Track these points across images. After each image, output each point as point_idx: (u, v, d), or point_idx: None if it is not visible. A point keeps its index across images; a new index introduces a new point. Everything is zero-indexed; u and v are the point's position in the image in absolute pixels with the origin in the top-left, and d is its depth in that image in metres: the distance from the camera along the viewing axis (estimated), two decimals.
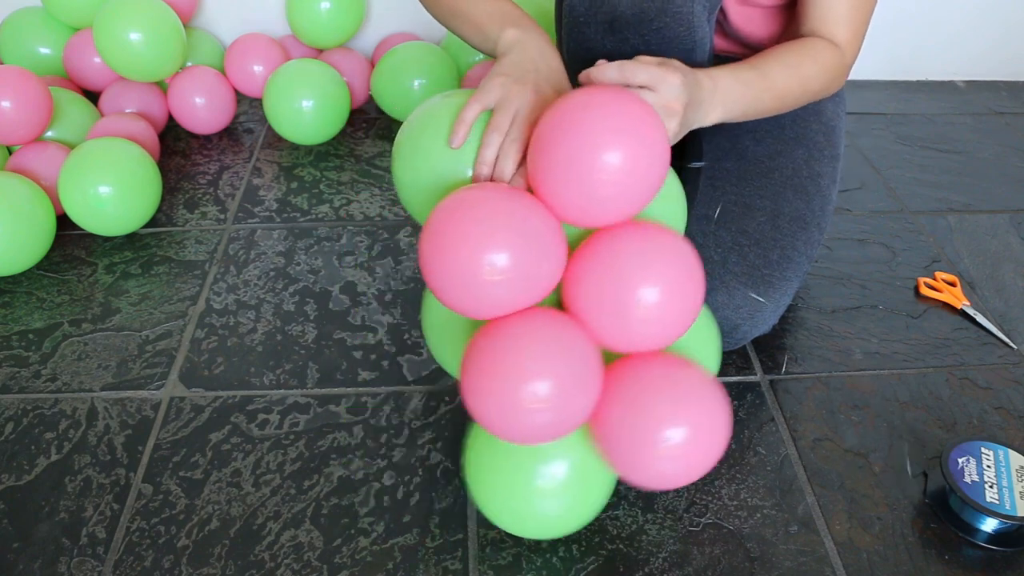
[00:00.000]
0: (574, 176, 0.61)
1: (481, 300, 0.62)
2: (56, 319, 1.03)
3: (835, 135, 1.01)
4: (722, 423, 0.65)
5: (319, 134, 1.35)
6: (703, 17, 0.84)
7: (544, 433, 0.63)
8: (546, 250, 0.63)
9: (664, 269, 0.64)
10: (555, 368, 0.61)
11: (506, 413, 0.62)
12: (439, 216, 0.62)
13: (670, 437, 0.63)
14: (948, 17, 1.58)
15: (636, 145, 0.61)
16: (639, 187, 0.63)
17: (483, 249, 0.60)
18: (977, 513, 0.79)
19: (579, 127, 0.61)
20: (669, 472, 0.65)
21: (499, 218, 0.61)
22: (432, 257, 0.62)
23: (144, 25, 1.23)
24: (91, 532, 0.79)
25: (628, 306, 0.63)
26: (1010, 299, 1.10)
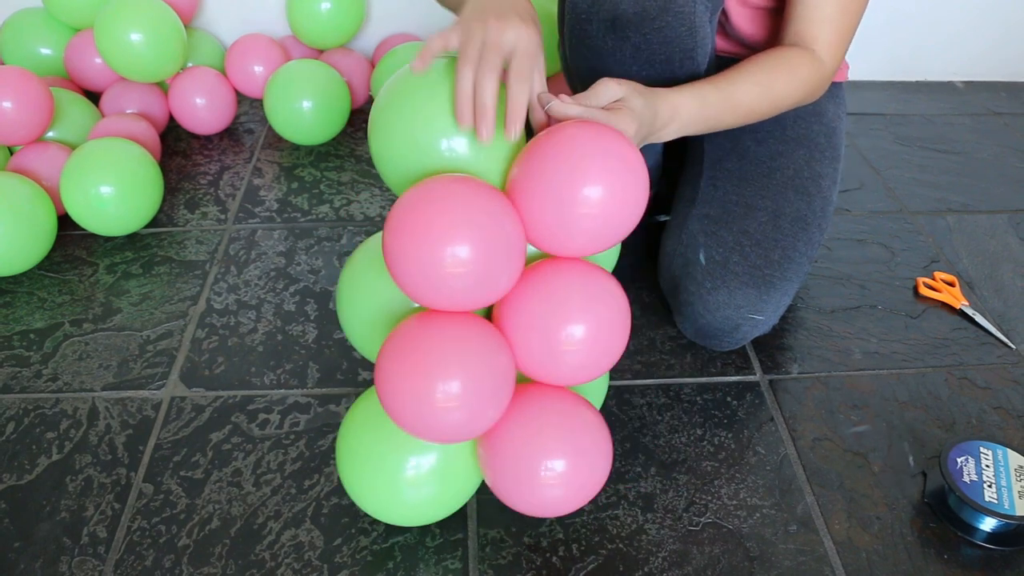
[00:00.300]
0: (555, 209, 0.63)
1: (441, 291, 0.62)
2: (57, 319, 1.03)
3: (836, 136, 1.01)
4: (602, 460, 0.70)
5: (319, 134, 1.35)
6: (705, 17, 0.84)
7: (453, 433, 0.64)
8: (510, 248, 0.64)
9: (596, 308, 0.67)
10: (470, 371, 0.63)
11: (420, 410, 0.63)
12: (405, 205, 0.63)
13: (552, 467, 0.67)
14: (947, 18, 1.58)
15: (619, 184, 0.64)
16: (617, 223, 0.65)
17: (446, 241, 0.60)
18: (976, 512, 0.79)
19: (562, 162, 0.63)
20: (549, 500, 0.68)
21: (464, 211, 0.61)
22: (395, 245, 0.62)
23: (145, 25, 1.24)
24: (92, 531, 0.79)
25: (555, 340, 0.66)
26: (1009, 299, 1.10)
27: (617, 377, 0.96)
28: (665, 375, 0.97)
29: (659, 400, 0.94)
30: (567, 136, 0.65)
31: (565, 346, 0.66)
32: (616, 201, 0.64)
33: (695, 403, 0.93)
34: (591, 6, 0.83)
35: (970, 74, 1.67)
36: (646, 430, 0.90)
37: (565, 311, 0.66)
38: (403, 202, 0.63)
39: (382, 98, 0.70)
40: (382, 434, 0.71)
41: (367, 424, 0.73)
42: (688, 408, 0.93)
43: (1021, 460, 0.83)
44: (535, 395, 0.70)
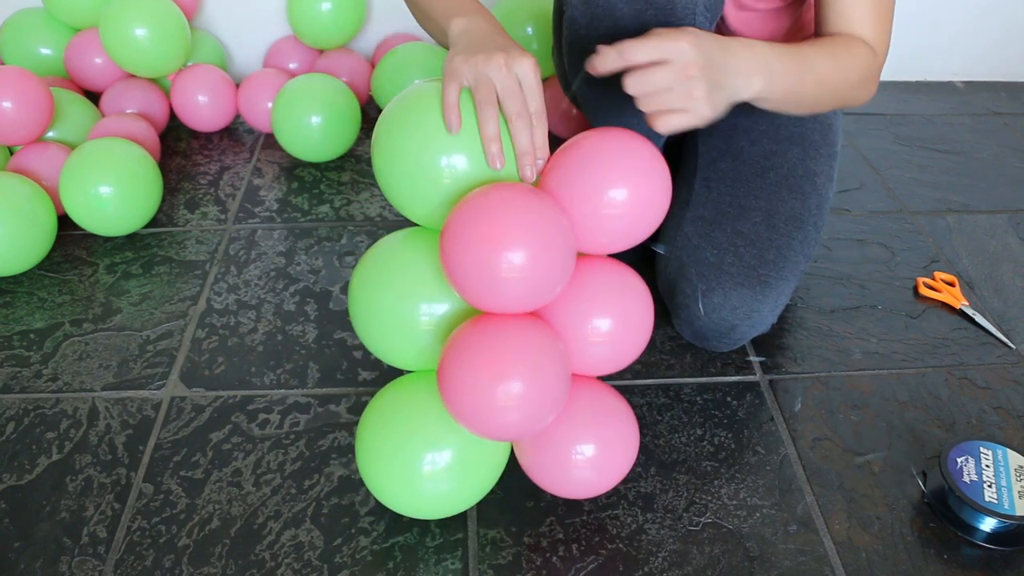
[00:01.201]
0: (587, 211, 0.68)
1: (499, 295, 0.65)
2: (57, 319, 1.03)
3: (832, 133, 1.01)
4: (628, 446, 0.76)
5: (330, 151, 1.32)
6: (705, 27, 0.84)
7: (514, 431, 0.67)
8: (566, 253, 0.67)
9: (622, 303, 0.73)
10: (536, 372, 0.66)
11: (481, 407, 0.65)
12: (462, 215, 0.65)
13: (583, 452, 0.73)
14: (947, 18, 1.58)
15: (642, 184, 0.68)
16: (642, 222, 0.70)
17: (503, 247, 0.63)
18: (976, 512, 0.79)
19: (594, 167, 0.67)
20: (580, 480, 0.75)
21: (520, 217, 0.64)
22: (453, 253, 0.65)
23: (149, 21, 1.24)
24: (92, 531, 0.79)
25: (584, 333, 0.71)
26: (1009, 299, 1.10)
27: (617, 377, 0.96)
28: (665, 375, 0.97)
29: (659, 400, 0.94)
30: (593, 144, 0.69)
31: (593, 338, 0.71)
32: (641, 202, 0.68)
33: (695, 403, 0.93)
34: (590, 21, 0.82)
35: (970, 74, 1.67)
36: (646, 430, 0.90)
37: (595, 305, 0.71)
38: (461, 211, 0.65)
39: (385, 120, 0.71)
40: (401, 428, 0.73)
41: (386, 418, 0.74)
42: (688, 408, 0.93)
43: (1021, 460, 0.83)
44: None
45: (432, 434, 0.72)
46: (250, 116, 1.38)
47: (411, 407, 0.74)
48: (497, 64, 0.67)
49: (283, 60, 1.48)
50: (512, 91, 0.67)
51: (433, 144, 0.68)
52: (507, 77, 0.67)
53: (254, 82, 1.38)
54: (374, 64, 1.49)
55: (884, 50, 0.84)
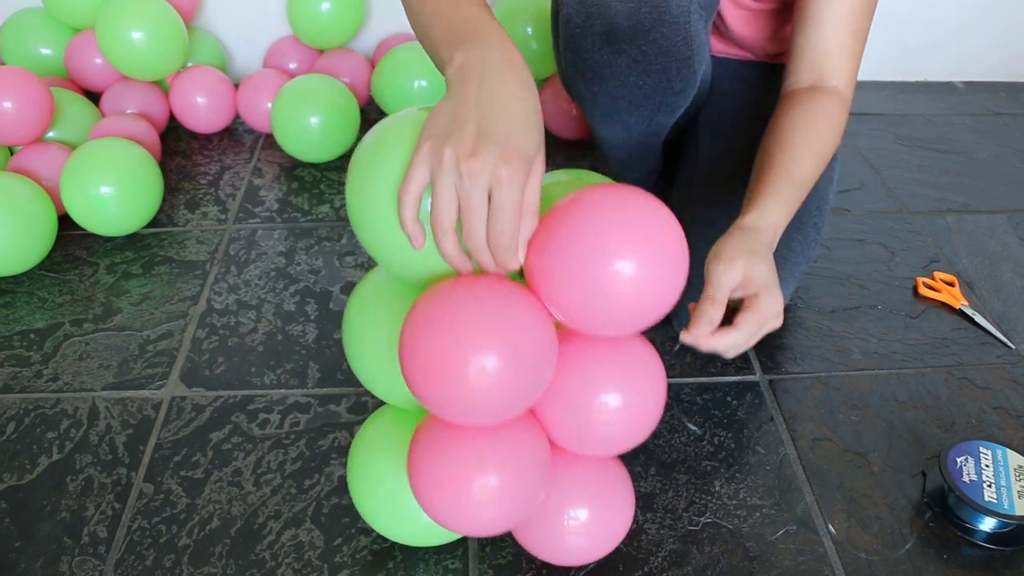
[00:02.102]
0: (582, 286, 0.54)
1: (467, 406, 0.55)
2: (57, 319, 1.03)
3: None
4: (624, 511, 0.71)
5: (330, 151, 1.32)
6: (700, 25, 0.84)
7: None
8: (540, 357, 0.56)
9: (629, 379, 0.62)
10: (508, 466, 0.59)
11: (455, 507, 0.59)
12: (422, 313, 0.55)
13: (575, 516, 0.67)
14: (947, 18, 1.58)
15: (653, 254, 0.55)
16: (653, 301, 0.56)
17: (471, 353, 0.52)
18: (975, 512, 0.79)
19: (590, 232, 0.54)
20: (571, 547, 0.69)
21: (489, 320, 0.53)
22: (413, 358, 0.55)
23: (146, 24, 1.24)
24: (92, 531, 0.79)
25: (588, 410, 0.61)
26: (1008, 299, 1.11)
27: None
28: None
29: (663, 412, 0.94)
30: (589, 206, 0.55)
31: (599, 417, 0.61)
32: (652, 278, 0.55)
33: (695, 403, 0.93)
34: (585, 20, 0.82)
35: (970, 74, 1.67)
36: None
37: (598, 385, 0.61)
38: (415, 314, 0.55)
39: (363, 150, 0.60)
40: (395, 456, 0.69)
41: (379, 446, 0.71)
42: (688, 408, 0.93)
43: (1021, 460, 0.83)
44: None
45: None
46: (249, 117, 1.38)
47: (403, 434, 0.69)
48: (466, 169, 0.51)
49: (283, 60, 1.48)
50: (472, 210, 0.53)
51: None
52: (471, 191, 0.52)
53: (253, 83, 1.38)
54: (374, 64, 1.49)
55: (852, 87, 0.85)
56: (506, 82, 0.55)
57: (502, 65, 0.56)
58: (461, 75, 0.56)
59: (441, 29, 0.60)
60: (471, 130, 0.52)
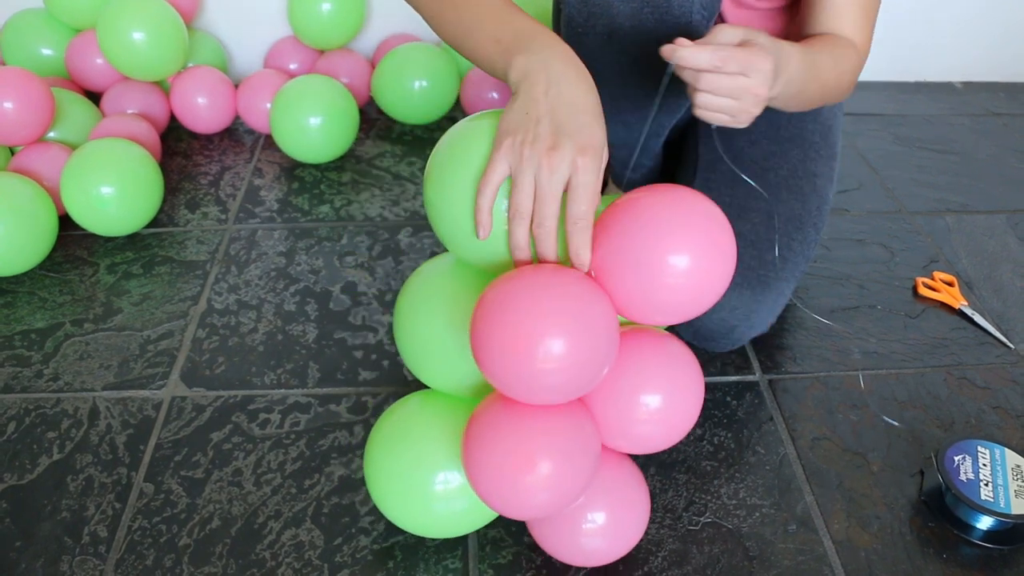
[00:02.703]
0: (640, 278, 0.60)
1: (535, 387, 0.59)
2: (58, 319, 1.03)
3: (832, 134, 1.01)
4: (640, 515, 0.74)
5: (328, 152, 1.32)
6: (702, 26, 0.84)
7: (541, 512, 0.64)
8: (605, 340, 0.60)
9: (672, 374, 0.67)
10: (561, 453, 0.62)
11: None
12: (493, 299, 0.59)
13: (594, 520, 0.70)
14: (947, 18, 1.58)
15: (708, 250, 0.60)
16: (706, 291, 0.62)
17: (539, 337, 0.56)
18: (972, 511, 0.79)
19: (648, 228, 0.59)
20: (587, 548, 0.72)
21: (558, 305, 0.58)
22: (486, 343, 0.59)
23: (147, 24, 1.24)
24: (93, 531, 0.79)
25: (631, 408, 0.65)
26: (1008, 299, 1.11)
27: None
28: None
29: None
30: (646, 204, 0.61)
31: (641, 416, 0.65)
32: (704, 269, 0.60)
33: None
34: (587, 20, 0.82)
35: (969, 74, 1.67)
36: None
37: (642, 384, 0.65)
38: (490, 297, 0.59)
39: (441, 149, 0.66)
40: (411, 449, 0.71)
41: (395, 439, 0.72)
42: None
43: (1018, 459, 0.83)
44: None
45: (445, 454, 0.70)
46: (249, 117, 1.38)
47: (422, 426, 0.72)
48: (547, 162, 0.57)
49: (283, 61, 1.48)
50: (549, 198, 0.58)
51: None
52: (549, 181, 0.58)
53: (253, 83, 1.38)
54: (374, 65, 1.49)
55: (867, 52, 0.85)
56: (571, 82, 0.61)
57: (564, 67, 0.62)
58: (528, 79, 0.61)
59: (492, 40, 0.66)
60: (547, 127, 0.59)
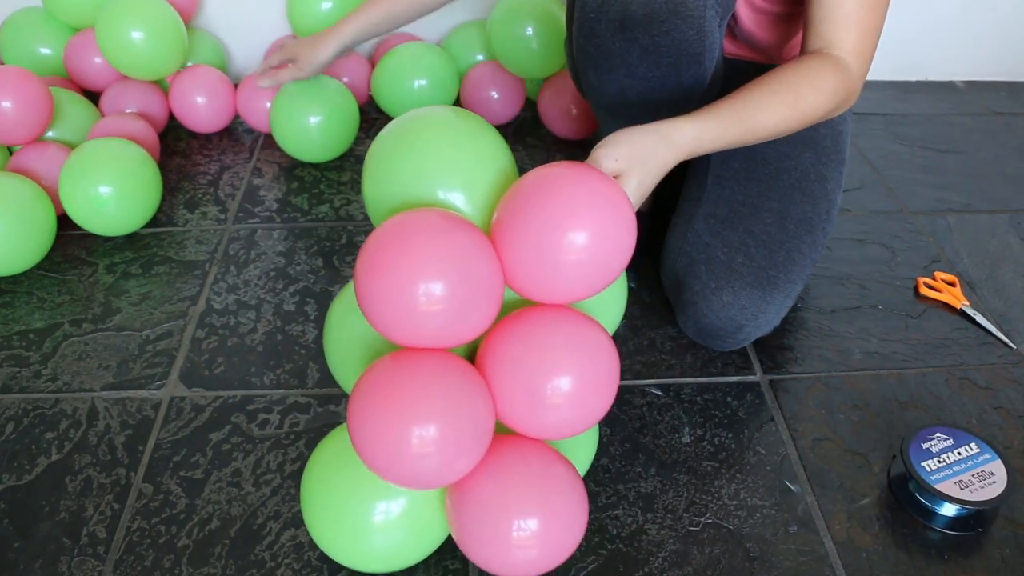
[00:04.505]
0: (539, 253, 0.61)
1: (415, 329, 0.60)
2: (57, 319, 1.03)
3: (842, 140, 1.01)
4: (577, 520, 0.66)
5: (328, 151, 1.32)
6: (714, 22, 0.84)
7: (429, 479, 0.61)
8: (484, 287, 0.62)
9: (581, 360, 0.64)
10: (447, 415, 0.60)
11: (393, 457, 0.60)
12: (379, 238, 0.61)
13: (524, 526, 0.63)
14: (947, 17, 1.58)
15: (605, 225, 0.62)
16: (603, 269, 0.63)
17: (420, 277, 0.59)
18: (935, 498, 0.80)
19: (547, 205, 0.61)
20: (520, 560, 0.64)
21: (441, 246, 0.60)
22: (367, 281, 0.60)
23: (146, 24, 1.24)
24: (92, 532, 0.79)
25: (540, 393, 0.63)
26: (1009, 299, 1.10)
27: None
28: (665, 375, 0.97)
29: (659, 400, 0.93)
30: (551, 178, 0.63)
31: (550, 400, 0.63)
32: (602, 247, 0.62)
33: (695, 403, 0.93)
34: (600, 6, 0.83)
35: (970, 74, 1.67)
36: (646, 430, 0.90)
37: (552, 363, 0.63)
38: (374, 238, 0.61)
39: (378, 144, 0.69)
40: (350, 478, 0.68)
41: (333, 468, 0.69)
42: (688, 408, 0.93)
43: (982, 445, 0.83)
44: (509, 448, 0.67)
45: (382, 483, 0.67)
46: (249, 117, 1.38)
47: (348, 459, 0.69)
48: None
49: None
50: None
51: (427, 179, 0.65)
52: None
53: (253, 83, 1.37)
54: (374, 64, 1.49)
55: (864, 60, 0.83)
56: None
57: None
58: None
59: None
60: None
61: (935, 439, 0.84)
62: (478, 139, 0.69)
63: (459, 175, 0.67)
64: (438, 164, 0.67)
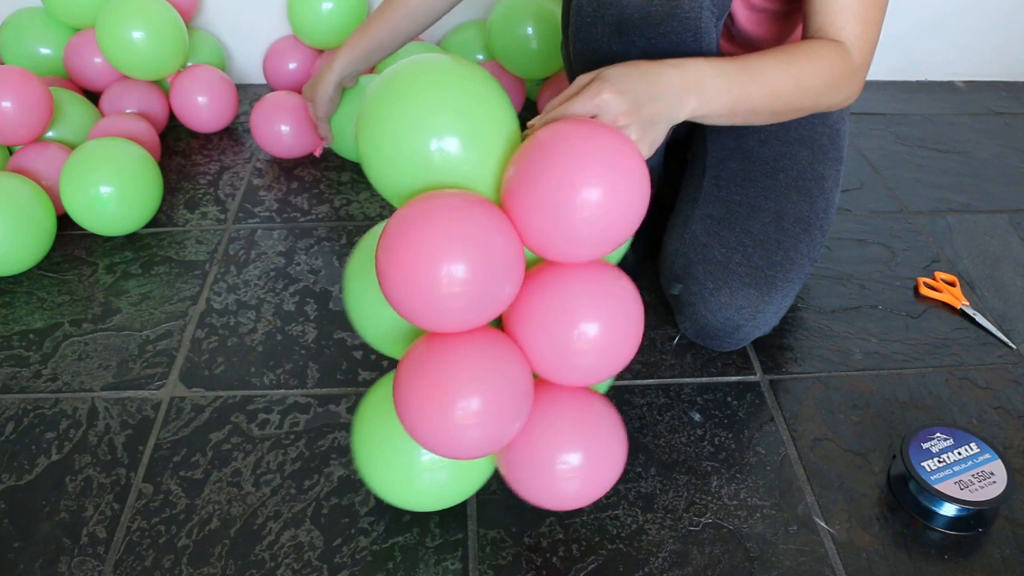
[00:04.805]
0: (553, 214, 0.61)
1: (438, 313, 0.61)
2: (57, 319, 1.03)
3: (839, 138, 1.00)
4: (618, 453, 0.71)
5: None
6: (711, 23, 0.84)
7: (474, 449, 0.63)
8: (507, 268, 0.62)
9: (607, 307, 0.65)
10: (489, 386, 0.62)
11: (439, 428, 0.62)
12: (400, 223, 0.61)
13: (568, 461, 0.68)
14: (947, 17, 1.58)
15: (617, 182, 0.61)
16: (618, 226, 0.62)
17: (442, 260, 0.58)
18: (935, 498, 0.80)
19: (558, 164, 0.60)
20: (567, 493, 0.70)
21: (461, 229, 0.59)
22: (389, 264, 0.60)
23: (146, 23, 1.24)
24: (92, 532, 0.79)
25: (567, 340, 0.64)
26: (1009, 299, 1.10)
27: (618, 377, 0.96)
28: (665, 375, 0.97)
29: (659, 400, 0.93)
30: (558, 137, 0.62)
31: (577, 346, 0.65)
32: (614, 203, 0.61)
33: (695, 403, 0.93)
34: (596, 8, 0.82)
35: (970, 74, 1.67)
36: (646, 430, 0.90)
37: (575, 312, 0.64)
38: (393, 224, 0.61)
39: (370, 98, 0.65)
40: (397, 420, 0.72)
41: (382, 410, 0.73)
42: (688, 408, 0.93)
43: (983, 446, 0.83)
44: (551, 388, 0.70)
45: None
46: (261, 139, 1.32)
47: None
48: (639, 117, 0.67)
49: (283, 60, 1.48)
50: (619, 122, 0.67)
51: (423, 127, 0.62)
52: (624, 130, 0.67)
53: (267, 106, 1.31)
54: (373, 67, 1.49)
55: (866, 48, 0.82)
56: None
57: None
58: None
59: None
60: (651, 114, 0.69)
61: (935, 439, 0.84)
62: (476, 84, 0.66)
63: (458, 121, 0.64)
64: (435, 109, 0.63)
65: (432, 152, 0.63)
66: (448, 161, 0.63)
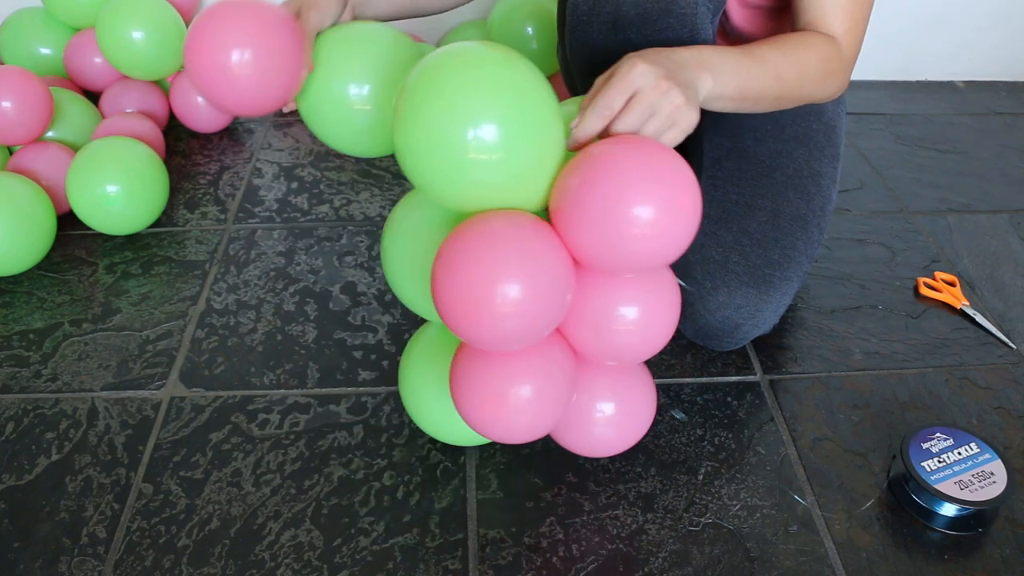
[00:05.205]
0: (604, 232, 0.61)
1: (492, 331, 0.62)
2: (57, 319, 1.03)
3: (836, 135, 1.01)
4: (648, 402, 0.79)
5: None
6: (707, 19, 0.84)
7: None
8: (559, 287, 0.63)
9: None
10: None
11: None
12: (455, 245, 0.62)
13: (602, 409, 0.76)
14: (948, 17, 1.58)
15: (670, 200, 0.61)
16: (670, 243, 0.62)
17: (497, 280, 0.60)
18: (934, 498, 0.80)
19: (610, 182, 0.60)
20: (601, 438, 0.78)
21: (514, 250, 0.61)
22: (445, 285, 0.62)
23: (146, 23, 1.24)
24: (91, 532, 0.79)
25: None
26: (1009, 299, 1.10)
27: None
28: (665, 375, 0.97)
29: (659, 400, 0.93)
30: (608, 159, 0.62)
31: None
32: (667, 220, 0.61)
33: (695, 403, 0.93)
34: (592, 7, 0.82)
35: (970, 74, 1.67)
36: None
37: (617, 305, 0.68)
38: (448, 245, 0.62)
39: (409, 86, 0.62)
40: (442, 358, 0.78)
41: (428, 349, 0.80)
42: (688, 408, 0.93)
43: (982, 446, 0.83)
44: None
45: None
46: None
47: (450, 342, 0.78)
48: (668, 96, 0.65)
49: None
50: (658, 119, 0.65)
51: (460, 114, 0.59)
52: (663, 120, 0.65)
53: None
54: None
55: (853, 43, 0.84)
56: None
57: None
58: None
59: None
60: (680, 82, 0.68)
61: (935, 439, 0.84)
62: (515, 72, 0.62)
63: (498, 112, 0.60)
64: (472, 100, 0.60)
65: (469, 140, 0.60)
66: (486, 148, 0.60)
